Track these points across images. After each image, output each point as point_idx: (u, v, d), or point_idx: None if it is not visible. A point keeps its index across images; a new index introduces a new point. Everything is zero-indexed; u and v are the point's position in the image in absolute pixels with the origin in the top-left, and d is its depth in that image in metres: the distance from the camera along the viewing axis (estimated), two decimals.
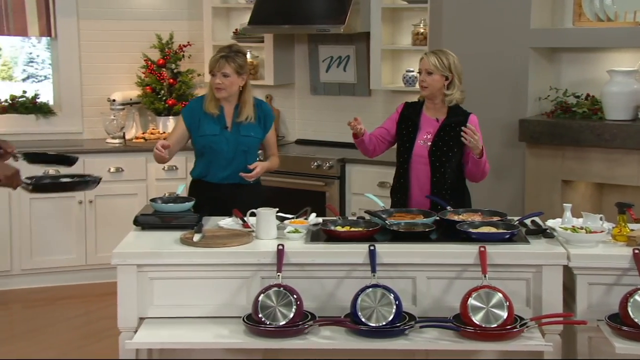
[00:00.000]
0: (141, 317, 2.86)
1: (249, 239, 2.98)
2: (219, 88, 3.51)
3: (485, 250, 2.80)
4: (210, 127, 3.56)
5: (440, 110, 3.55)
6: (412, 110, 3.59)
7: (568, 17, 4.48)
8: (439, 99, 3.52)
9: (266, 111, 3.68)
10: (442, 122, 3.52)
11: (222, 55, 3.51)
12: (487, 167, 3.52)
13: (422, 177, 3.51)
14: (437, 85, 3.49)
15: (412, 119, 3.57)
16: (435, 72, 3.47)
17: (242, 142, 3.57)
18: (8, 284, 5.06)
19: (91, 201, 5.13)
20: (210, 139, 3.55)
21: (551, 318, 2.77)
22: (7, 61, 5.99)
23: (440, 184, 3.50)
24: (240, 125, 3.58)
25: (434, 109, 3.56)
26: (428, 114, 3.57)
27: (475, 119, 3.54)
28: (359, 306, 2.69)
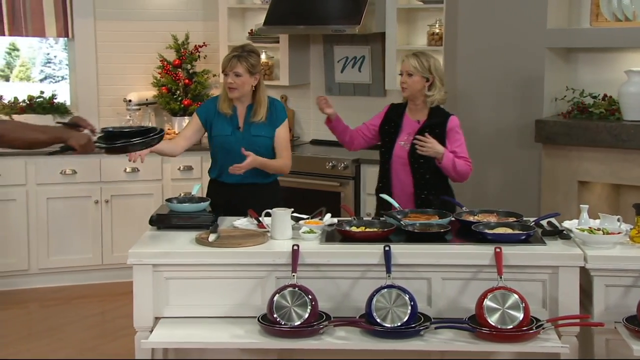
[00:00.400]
0: (157, 316, 2.88)
1: (264, 239, 2.99)
2: (232, 88, 3.53)
3: (501, 251, 2.78)
4: (222, 128, 3.57)
5: (421, 112, 3.62)
6: (395, 112, 3.69)
7: (585, 17, 4.45)
8: (420, 100, 3.60)
9: (278, 109, 3.64)
10: (422, 124, 3.59)
11: (235, 55, 3.53)
12: (461, 169, 3.54)
13: (403, 177, 3.60)
14: (417, 87, 3.57)
15: (394, 120, 3.66)
16: (415, 73, 3.55)
17: (253, 142, 3.56)
18: (25, 283, 5.11)
19: (107, 201, 5.17)
20: (223, 139, 3.57)
21: (568, 320, 2.75)
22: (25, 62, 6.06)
23: (422, 185, 3.57)
24: (252, 125, 3.58)
25: (415, 110, 3.63)
26: (410, 115, 3.65)
27: (455, 120, 3.60)
28: (374, 307, 2.68)
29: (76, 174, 5.12)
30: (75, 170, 5.12)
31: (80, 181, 5.13)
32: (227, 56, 3.56)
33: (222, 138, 3.56)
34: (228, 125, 3.57)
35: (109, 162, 5.18)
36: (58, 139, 2.83)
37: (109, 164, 5.18)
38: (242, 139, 3.56)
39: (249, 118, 3.58)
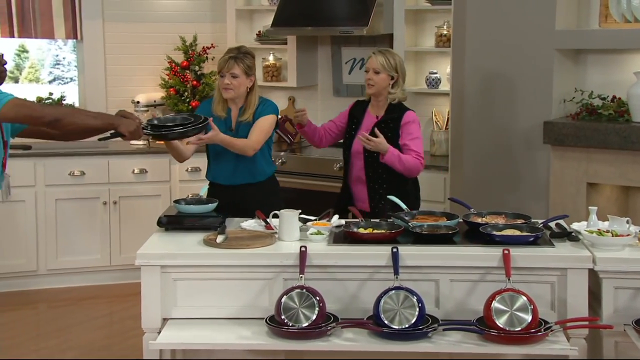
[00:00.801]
0: (165, 317, 2.88)
1: (271, 240, 2.99)
2: (227, 88, 3.53)
3: (509, 253, 2.78)
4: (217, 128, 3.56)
5: (382, 108, 3.70)
6: (358, 108, 3.77)
7: (594, 18, 4.43)
8: (383, 96, 3.68)
9: (266, 107, 3.60)
10: (380, 119, 3.66)
11: (231, 56, 3.54)
12: (409, 163, 3.57)
13: (359, 172, 3.68)
14: (383, 84, 3.64)
15: (356, 117, 3.74)
16: (382, 71, 3.63)
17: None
18: (34, 284, 5.13)
19: (115, 202, 5.18)
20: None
21: (576, 322, 2.74)
22: (35, 63, 6.08)
23: (375, 180, 3.65)
24: (241, 125, 3.58)
25: (377, 106, 3.71)
26: (371, 111, 3.72)
27: (411, 115, 3.67)
28: (382, 308, 2.68)
29: (85, 175, 5.14)
30: (83, 172, 5.14)
31: (89, 182, 5.15)
32: (224, 57, 3.56)
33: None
34: (222, 127, 3.56)
35: (118, 164, 5.20)
36: (110, 125, 2.98)
37: (117, 165, 5.20)
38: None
39: (239, 117, 3.59)
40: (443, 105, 5.12)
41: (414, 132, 3.63)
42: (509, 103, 4.46)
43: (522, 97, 4.44)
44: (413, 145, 3.60)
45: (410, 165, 3.58)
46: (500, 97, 4.49)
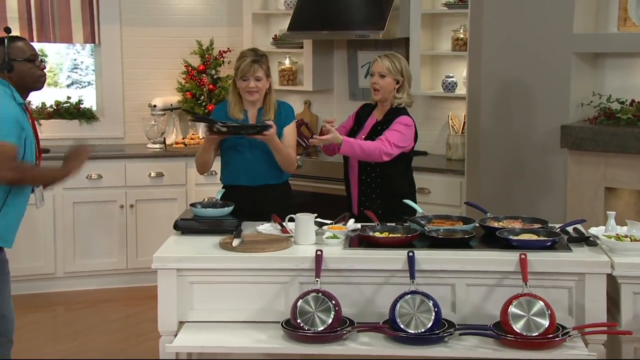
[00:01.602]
0: (181, 320, 2.90)
1: (287, 244, 3.00)
2: (252, 92, 3.54)
3: (526, 257, 2.76)
4: None
5: (382, 111, 3.70)
6: (365, 111, 3.76)
7: (612, 21, 4.41)
8: (388, 101, 3.66)
9: (286, 110, 3.65)
10: (379, 121, 3.67)
11: (254, 60, 3.53)
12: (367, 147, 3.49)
13: (355, 174, 3.69)
14: (389, 88, 3.63)
15: (362, 119, 3.74)
16: (387, 75, 3.61)
17: (264, 144, 3.56)
18: (52, 286, 5.17)
19: (132, 205, 5.22)
20: (235, 142, 3.58)
21: (595, 327, 2.72)
22: (53, 67, 6.14)
23: (368, 182, 3.66)
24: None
25: (381, 110, 3.70)
26: (375, 114, 3.73)
27: (405, 119, 3.59)
28: (398, 312, 2.68)
29: (102, 179, 5.18)
30: (100, 175, 5.18)
31: (106, 186, 5.19)
32: (246, 61, 3.53)
33: (234, 141, 3.58)
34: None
35: (134, 167, 5.23)
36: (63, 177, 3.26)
37: (134, 168, 5.23)
38: (254, 141, 3.57)
39: (260, 118, 3.60)
40: (459, 109, 5.11)
41: (396, 128, 3.54)
42: (526, 107, 4.44)
43: (539, 101, 4.42)
44: (387, 133, 3.53)
45: (370, 148, 3.47)
46: (517, 100, 4.47)
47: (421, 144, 5.32)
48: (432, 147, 5.29)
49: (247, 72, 3.52)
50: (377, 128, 3.65)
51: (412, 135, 3.62)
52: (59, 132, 5.53)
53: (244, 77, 3.53)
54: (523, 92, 4.44)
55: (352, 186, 3.76)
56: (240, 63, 3.54)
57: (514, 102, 4.49)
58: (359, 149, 3.49)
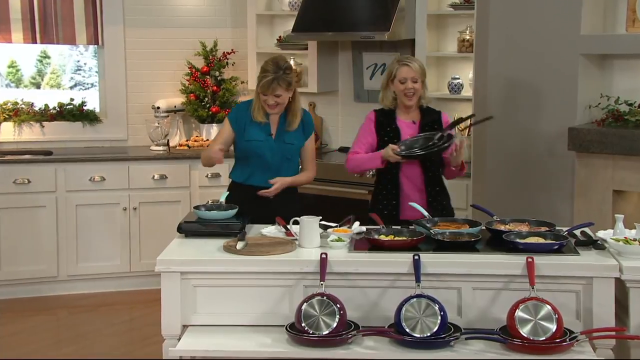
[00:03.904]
0: (185, 324, 2.90)
1: (292, 247, 3.00)
2: (272, 107, 3.56)
3: (533, 261, 2.76)
4: (256, 133, 3.61)
5: (413, 113, 3.69)
6: (386, 117, 3.71)
7: (621, 22, 4.40)
8: (416, 103, 3.68)
9: (309, 120, 3.74)
10: (419, 123, 3.66)
11: (274, 78, 3.49)
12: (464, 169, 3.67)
13: (414, 178, 3.62)
14: (421, 91, 3.67)
15: (389, 125, 3.68)
16: (419, 78, 3.63)
17: (286, 149, 3.62)
18: (54, 289, 5.18)
19: (135, 208, 5.22)
20: (256, 145, 3.60)
21: (603, 332, 2.72)
22: (56, 69, 6.16)
23: (433, 182, 3.64)
24: (285, 134, 3.62)
25: (407, 113, 3.69)
26: (402, 118, 3.70)
27: (447, 117, 3.73)
28: (403, 316, 2.68)
29: (105, 181, 5.19)
30: (104, 177, 5.19)
31: (109, 188, 5.19)
32: (267, 78, 3.50)
33: (256, 143, 3.60)
34: (261, 132, 3.61)
35: (138, 169, 5.24)
36: None
37: (137, 171, 5.24)
38: (275, 146, 3.61)
39: (283, 127, 3.62)
40: (465, 111, 5.10)
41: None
42: (533, 109, 4.44)
43: (546, 103, 4.42)
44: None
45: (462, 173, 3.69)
46: (523, 102, 4.47)
47: None
48: None
49: (267, 90, 3.53)
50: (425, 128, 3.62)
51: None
52: (62, 134, 5.55)
53: (264, 93, 3.54)
54: (530, 94, 4.43)
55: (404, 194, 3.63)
56: (262, 78, 3.53)
57: (521, 104, 4.49)
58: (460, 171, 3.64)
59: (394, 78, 3.64)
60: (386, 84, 3.71)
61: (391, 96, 3.69)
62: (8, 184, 5.03)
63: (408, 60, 3.66)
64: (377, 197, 3.73)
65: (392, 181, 3.66)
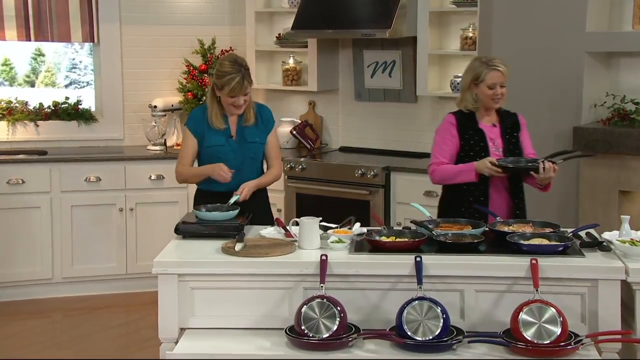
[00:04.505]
0: (182, 327, 2.90)
1: (291, 248, 3.00)
2: (240, 107, 3.52)
3: (537, 262, 2.76)
4: (215, 138, 3.56)
5: (493, 116, 3.62)
6: (467, 120, 3.59)
7: (627, 19, 4.41)
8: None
9: (267, 114, 3.67)
10: (500, 126, 3.60)
11: (242, 76, 3.45)
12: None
13: (499, 184, 3.54)
14: (506, 95, 3.58)
15: (473, 128, 3.58)
16: (505, 82, 3.54)
17: (248, 149, 3.59)
18: (49, 292, 5.19)
19: (132, 209, 5.23)
20: (217, 150, 3.56)
21: (609, 335, 2.72)
22: (51, 67, 6.17)
23: (518, 186, 3.58)
24: (245, 131, 3.59)
25: (486, 115, 3.61)
26: (483, 121, 3.61)
27: (523, 118, 3.67)
28: (405, 319, 2.68)
29: (101, 181, 5.19)
30: (99, 178, 5.20)
31: (105, 188, 5.20)
32: (236, 80, 3.43)
33: (217, 148, 3.56)
34: (221, 135, 3.57)
35: (134, 169, 5.25)
36: None
37: (134, 171, 5.25)
38: (237, 147, 3.58)
39: (241, 123, 3.59)
40: None
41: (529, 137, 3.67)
42: (538, 108, 4.44)
43: (551, 102, 4.43)
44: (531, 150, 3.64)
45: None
46: (528, 101, 4.47)
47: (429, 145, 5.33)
48: None
49: (239, 91, 3.46)
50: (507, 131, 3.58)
51: None
52: (56, 133, 5.56)
53: (233, 95, 3.48)
54: (534, 92, 4.44)
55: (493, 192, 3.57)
56: (229, 81, 3.44)
57: (525, 103, 4.49)
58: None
59: (481, 82, 3.51)
60: (468, 86, 3.56)
61: (472, 98, 3.56)
62: (2, 185, 5.04)
63: (497, 63, 3.53)
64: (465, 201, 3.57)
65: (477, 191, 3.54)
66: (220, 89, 3.49)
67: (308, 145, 5.57)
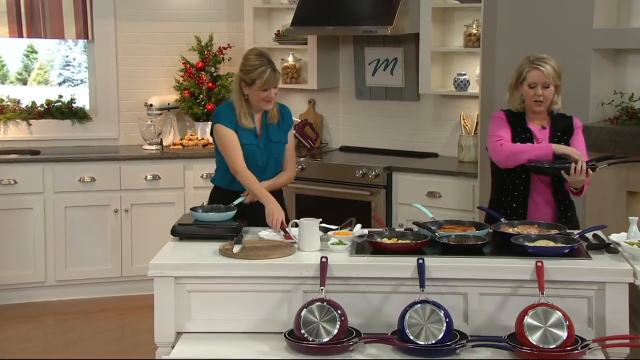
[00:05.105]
0: (179, 331, 2.91)
1: (290, 250, 3.01)
2: (272, 100, 3.55)
3: (543, 265, 2.77)
4: (247, 136, 3.59)
5: (544, 119, 3.55)
6: (517, 119, 3.54)
7: (635, 15, 4.41)
8: (546, 109, 3.52)
9: (287, 114, 3.71)
10: (550, 128, 3.52)
11: (272, 69, 3.50)
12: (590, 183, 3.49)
13: (540, 186, 3.50)
14: (551, 97, 3.48)
15: (521, 126, 3.52)
16: (551, 83, 3.44)
17: (273, 149, 3.63)
18: (42, 295, 5.19)
19: (127, 210, 5.23)
20: (249, 149, 3.59)
21: (616, 340, 2.72)
22: (44, 64, 6.17)
23: (561, 191, 3.51)
24: (269, 130, 3.62)
25: (537, 118, 3.54)
26: (533, 124, 3.54)
27: (579, 122, 3.56)
28: (407, 323, 2.68)
29: (95, 182, 5.20)
30: (94, 178, 5.20)
31: (100, 189, 5.21)
32: (268, 72, 3.47)
33: (248, 147, 3.60)
34: (250, 134, 3.61)
35: (130, 170, 5.25)
36: None
37: (129, 171, 5.26)
38: (263, 147, 3.61)
39: (266, 122, 3.62)
40: (472, 108, 5.11)
41: (583, 141, 3.52)
42: None
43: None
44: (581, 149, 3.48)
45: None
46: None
47: (431, 145, 5.36)
48: (443, 148, 5.30)
49: (273, 83, 3.50)
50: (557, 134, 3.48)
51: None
52: (49, 132, 5.56)
53: (265, 88, 3.51)
54: None
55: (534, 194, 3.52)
56: (261, 74, 3.47)
57: None
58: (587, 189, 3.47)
59: (523, 80, 3.44)
60: (514, 85, 3.51)
61: (519, 98, 3.50)
62: None
63: (541, 61, 3.43)
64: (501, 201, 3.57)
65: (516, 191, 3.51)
66: (251, 84, 3.51)
67: (308, 144, 5.58)
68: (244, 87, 3.54)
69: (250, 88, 3.52)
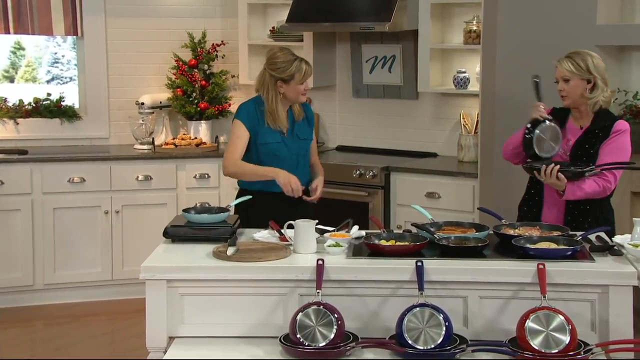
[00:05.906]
0: (171, 336, 2.91)
1: (286, 253, 3.01)
2: (307, 92, 3.67)
3: (545, 267, 2.78)
4: (271, 135, 3.64)
5: (586, 118, 3.56)
6: (559, 116, 3.59)
7: (639, 12, 4.42)
8: (584, 105, 3.53)
9: (310, 110, 3.84)
10: (585, 130, 3.54)
11: (304, 61, 3.64)
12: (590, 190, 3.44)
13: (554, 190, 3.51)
14: (578, 92, 3.50)
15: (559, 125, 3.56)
16: (572, 77, 3.49)
17: (300, 146, 3.71)
18: (30, 299, 5.19)
19: (118, 211, 5.24)
20: (274, 147, 3.64)
21: (620, 344, 2.73)
22: (31, 62, 6.16)
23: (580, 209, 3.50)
24: (295, 127, 3.69)
25: (579, 117, 3.57)
26: (573, 122, 3.59)
27: (623, 124, 3.51)
28: (405, 327, 2.69)
29: (85, 182, 5.20)
30: (84, 178, 5.20)
31: (90, 190, 5.21)
32: (302, 63, 3.62)
33: (273, 146, 3.64)
34: (275, 132, 3.65)
35: (120, 170, 5.25)
36: None
37: (120, 171, 5.26)
38: (291, 144, 3.68)
39: (292, 118, 3.69)
40: (472, 107, 5.12)
41: (619, 145, 3.47)
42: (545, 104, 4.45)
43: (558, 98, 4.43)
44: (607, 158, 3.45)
45: (595, 191, 3.43)
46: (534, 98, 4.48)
47: (431, 144, 5.37)
48: (442, 148, 5.31)
49: (309, 73, 3.63)
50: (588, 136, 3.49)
51: (629, 143, 3.50)
52: (37, 131, 5.56)
53: (304, 79, 3.62)
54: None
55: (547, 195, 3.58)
56: (299, 67, 3.60)
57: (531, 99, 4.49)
58: (583, 194, 3.43)
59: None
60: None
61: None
62: None
63: (564, 57, 3.52)
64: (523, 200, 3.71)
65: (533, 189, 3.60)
66: (289, 80, 3.61)
67: None
68: (280, 86, 3.61)
69: (288, 84, 3.61)
